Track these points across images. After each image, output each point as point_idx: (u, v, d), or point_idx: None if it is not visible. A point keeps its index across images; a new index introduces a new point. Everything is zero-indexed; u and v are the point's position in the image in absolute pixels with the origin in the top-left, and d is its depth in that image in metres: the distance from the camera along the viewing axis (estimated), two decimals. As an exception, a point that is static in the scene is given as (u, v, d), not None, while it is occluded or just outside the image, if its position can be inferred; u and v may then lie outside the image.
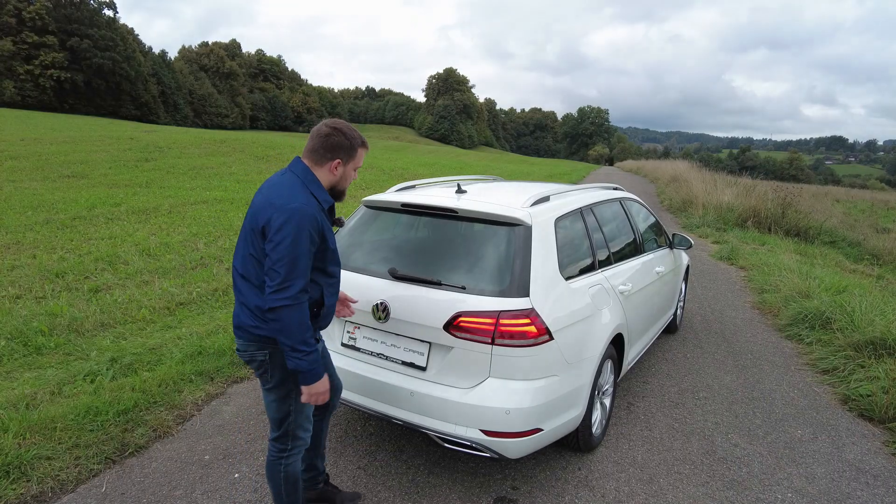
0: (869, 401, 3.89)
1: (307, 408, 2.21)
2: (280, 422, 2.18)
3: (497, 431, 2.50)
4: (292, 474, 2.24)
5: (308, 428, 2.25)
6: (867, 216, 20.03)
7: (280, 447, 2.21)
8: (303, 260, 1.94)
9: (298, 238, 1.92)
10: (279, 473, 2.22)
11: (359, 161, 2.19)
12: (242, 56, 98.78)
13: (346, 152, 2.12)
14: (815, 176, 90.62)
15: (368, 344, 2.87)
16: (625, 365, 3.59)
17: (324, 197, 2.09)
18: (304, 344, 1.95)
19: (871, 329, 4.73)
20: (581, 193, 3.62)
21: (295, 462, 2.24)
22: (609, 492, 2.87)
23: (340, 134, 2.10)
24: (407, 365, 2.71)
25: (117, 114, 60.11)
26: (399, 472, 2.96)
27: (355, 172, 2.21)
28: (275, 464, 2.22)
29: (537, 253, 2.70)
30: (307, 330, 1.96)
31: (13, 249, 7.01)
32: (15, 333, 4.38)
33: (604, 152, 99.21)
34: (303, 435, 2.23)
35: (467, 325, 2.52)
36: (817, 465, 3.21)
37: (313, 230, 1.97)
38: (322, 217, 2.04)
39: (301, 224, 1.93)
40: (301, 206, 1.95)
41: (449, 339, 2.56)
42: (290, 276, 1.91)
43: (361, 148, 2.18)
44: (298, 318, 1.94)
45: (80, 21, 59.98)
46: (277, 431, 2.20)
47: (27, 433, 2.96)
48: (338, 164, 2.12)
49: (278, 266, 1.91)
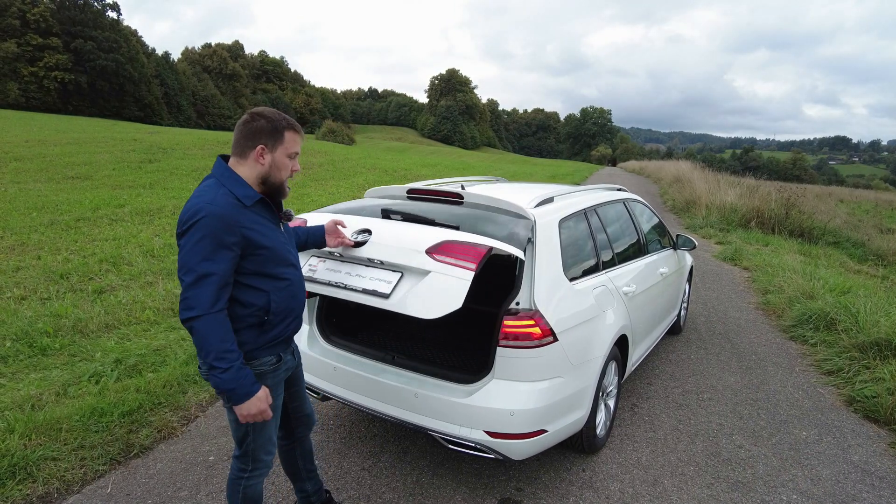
0: (874, 402, 3.87)
1: (267, 429, 2.04)
2: (240, 441, 2.05)
3: (501, 433, 2.50)
4: (251, 497, 2.12)
5: (270, 451, 2.10)
6: (871, 216, 19.95)
7: (241, 466, 2.09)
8: (208, 265, 1.73)
9: (201, 241, 1.73)
10: (237, 493, 2.11)
11: (290, 146, 1.93)
12: (245, 57, 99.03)
13: (268, 136, 1.89)
14: (818, 176, 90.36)
15: (328, 275, 2.67)
16: (629, 366, 3.59)
17: (244, 192, 1.86)
18: (220, 360, 1.74)
19: (875, 330, 4.72)
20: (585, 194, 3.61)
21: (256, 485, 2.12)
22: (613, 493, 2.86)
23: (261, 118, 1.89)
24: (368, 293, 2.49)
25: (121, 115, 60.29)
26: (403, 473, 2.96)
27: (293, 161, 1.97)
28: (235, 483, 2.11)
29: (541, 254, 2.70)
30: (225, 343, 1.76)
31: (18, 251, 7.04)
32: (20, 335, 4.40)
33: (606, 153, 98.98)
34: (264, 457, 2.09)
35: (452, 249, 2.37)
36: (822, 467, 3.20)
37: (222, 230, 1.75)
38: (243, 215, 1.83)
39: (203, 224, 1.73)
40: (205, 205, 1.75)
41: (429, 262, 2.38)
42: (196, 284, 1.72)
43: (289, 131, 1.92)
44: (209, 329, 1.73)
45: (83, 23, 60.22)
46: (239, 450, 2.08)
47: (33, 434, 2.98)
48: (261, 150, 1.89)
49: (182, 274, 1.74)
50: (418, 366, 2.82)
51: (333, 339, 3.13)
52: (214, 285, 1.74)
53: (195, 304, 1.73)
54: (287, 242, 2.06)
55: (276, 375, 2.05)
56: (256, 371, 1.96)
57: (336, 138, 51.93)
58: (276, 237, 1.97)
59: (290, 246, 2.09)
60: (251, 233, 1.85)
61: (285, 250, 2.01)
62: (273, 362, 2.02)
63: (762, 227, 12.66)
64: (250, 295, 1.89)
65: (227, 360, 1.76)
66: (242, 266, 1.86)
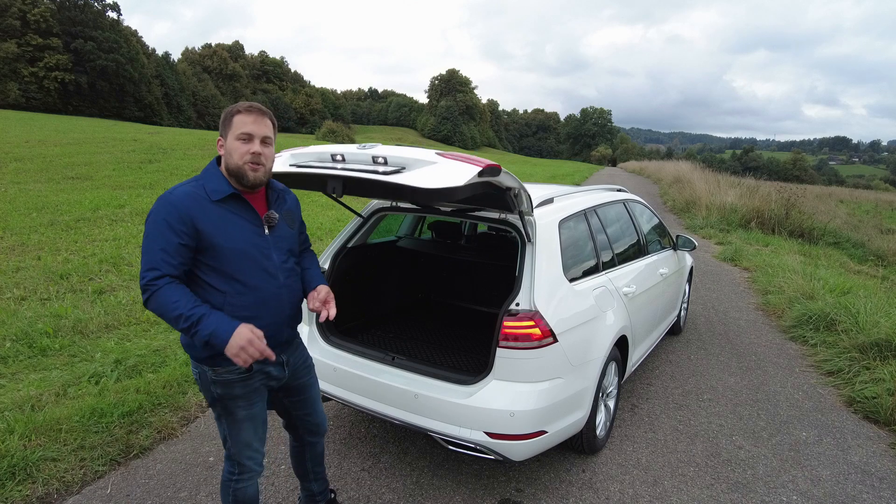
0: (874, 403, 3.87)
1: (243, 434, 2.02)
2: (224, 443, 2.08)
3: (501, 434, 2.50)
4: (242, 500, 2.11)
5: (252, 457, 2.07)
6: (871, 217, 19.94)
7: (230, 469, 2.10)
8: (151, 244, 1.77)
9: (151, 225, 1.79)
10: (228, 495, 2.12)
11: (239, 127, 1.87)
12: (245, 58, 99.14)
13: (223, 125, 1.91)
14: (818, 176, 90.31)
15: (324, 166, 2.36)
16: (629, 367, 3.59)
17: (214, 187, 1.87)
18: (182, 320, 1.72)
19: (876, 331, 4.71)
20: (585, 195, 3.62)
21: (246, 488, 2.10)
22: (613, 494, 2.86)
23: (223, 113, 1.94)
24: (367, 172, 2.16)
25: (121, 115, 60.36)
26: (403, 474, 2.96)
27: (248, 143, 1.86)
28: (226, 484, 2.12)
29: (541, 255, 2.70)
30: (184, 302, 1.73)
31: (18, 251, 7.04)
32: (20, 335, 4.40)
33: (607, 153, 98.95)
34: (247, 463, 2.07)
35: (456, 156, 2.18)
36: (822, 468, 3.20)
37: (172, 218, 1.77)
38: (202, 208, 1.82)
39: (156, 210, 1.80)
40: (163, 196, 1.83)
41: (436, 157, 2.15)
42: (143, 264, 1.78)
43: (238, 115, 1.88)
44: (166, 299, 1.73)
45: (84, 23, 60.29)
46: (227, 452, 2.09)
47: (33, 435, 2.98)
48: (220, 140, 1.93)
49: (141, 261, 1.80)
50: (418, 366, 2.82)
51: (333, 339, 3.13)
52: (152, 265, 1.76)
53: (142, 283, 1.76)
54: (266, 247, 1.94)
55: (247, 385, 1.97)
56: (220, 378, 1.92)
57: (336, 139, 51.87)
58: (242, 237, 1.88)
59: (273, 252, 1.96)
60: (207, 226, 1.81)
61: (257, 254, 1.90)
62: (240, 371, 1.91)
63: (762, 227, 12.66)
64: (207, 292, 1.85)
65: (195, 314, 1.72)
66: (199, 259, 1.84)
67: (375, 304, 3.90)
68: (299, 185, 2.57)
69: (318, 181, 2.48)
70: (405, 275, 4.24)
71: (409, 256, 4.21)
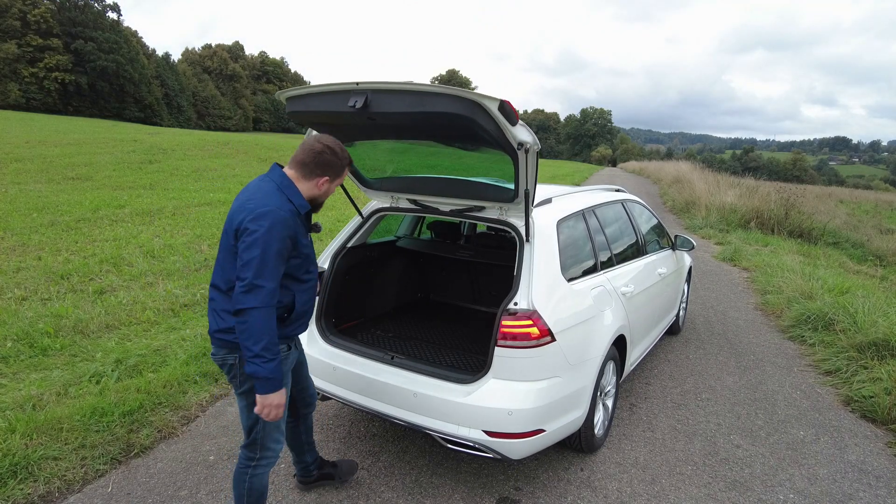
0: (872, 402, 3.89)
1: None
2: (250, 429, 2.18)
3: (500, 432, 2.52)
4: (257, 488, 2.21)
5: (279, 439, 2.23)
6: (871, 217, 19.94)
7: (249, 455, 2.20)
8: (272, 261, 1.92)
9: (269, 239, 1.91)
10: (244, 483, 2.20)
11: (342, 179, 2.25)
12: (245, 58, 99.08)
13: (334, 171, 2.17)
14: (818, 177, 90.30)
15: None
16: (627, 366, 3.60)
17: (300, 202, 2.10)
18: (266, 350, 1.90)
19: (874, 330, 4.73)
20: (583, 195, 3.63)
21: (262, 475, 2.22)
22: (611, 492, 2.88)
23: (332, 153, 2.13)
24: None
25: (121, 116, 60.39)
26: (402, 472, 2.98)
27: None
28: (241, 472, 2.21)
29: (540, 254, 2.71)
30: (271, 335, 1.92)
31: (18, 251, 7.06)
32: (21, 335, 4.41)
33: (607, 153, 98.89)
34: (272, 446, 2.21)
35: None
36: (819, 467, 3.21)
37: (286, 233, 1.97)
38: (296, 222, 2.05)
39: (273, 226, 1.93)
40: (274, 209, 1.96)
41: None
42: (259, 277, 1.89)
43: (348, 167, 2.23)
44: (264, 321, 1.90)
45: (84, 24, 60.30)
46: (247, 439, 2.20)
47: (34, 434, 2.99)
48: (325, 180, 2.16)
49: (248, 267, 1.89)
50: (417, 366, 2.84)
51: (333, 339, 3.14)
52: (273, 280, 1.93)
53: (256, 296, 1.89)
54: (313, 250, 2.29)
55: (286, 363, 2.20)
56: None
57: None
58: (310, 245, 2.22)
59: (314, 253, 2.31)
60: (301, 239, 2.09)
61: (314, 257, 2.26)
62: (285, 350, 2.19)
63: (762, 227, 12.67)
64: (280, 294, 2.05)
65: (273, 352, 1.93)
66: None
67: (375, 303, 3.92)
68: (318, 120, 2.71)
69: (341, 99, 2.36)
70: (404, 274, 4.26)
71: (409, 256, 4.22)
